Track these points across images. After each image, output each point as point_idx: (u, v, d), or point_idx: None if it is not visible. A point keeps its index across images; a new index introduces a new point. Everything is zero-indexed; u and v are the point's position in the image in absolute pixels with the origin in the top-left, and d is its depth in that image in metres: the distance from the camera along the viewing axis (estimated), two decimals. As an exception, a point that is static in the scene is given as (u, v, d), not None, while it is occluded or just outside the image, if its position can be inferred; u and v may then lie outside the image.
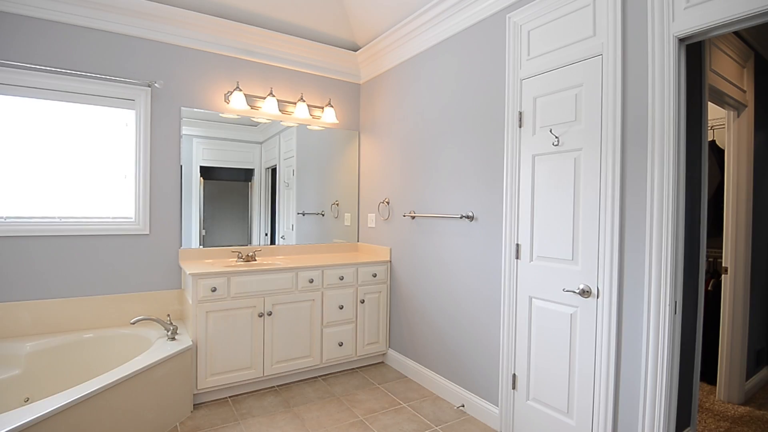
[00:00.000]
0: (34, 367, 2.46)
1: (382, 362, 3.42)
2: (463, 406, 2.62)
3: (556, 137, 2.08)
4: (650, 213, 1.73)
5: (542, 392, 2.17)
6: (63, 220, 2.71)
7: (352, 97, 3.80)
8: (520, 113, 2.27)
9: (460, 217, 2.63)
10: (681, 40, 1.68)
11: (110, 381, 1.98)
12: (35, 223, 2.63)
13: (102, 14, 2.73)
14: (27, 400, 2.38)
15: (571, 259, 2.02)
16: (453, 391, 2.72)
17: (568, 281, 2.03)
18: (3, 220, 2.56)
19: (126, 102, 2.87)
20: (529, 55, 2.23)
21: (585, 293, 1.95)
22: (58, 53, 2.66)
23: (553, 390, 2.11)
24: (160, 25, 2.91)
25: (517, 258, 2.29)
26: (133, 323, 2.51)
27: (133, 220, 2.91)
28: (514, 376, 2.32)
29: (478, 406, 2.53)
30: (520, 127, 2.27)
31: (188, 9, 2.94)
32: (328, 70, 3.63)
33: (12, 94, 2.56)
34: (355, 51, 3.64)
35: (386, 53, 3.35)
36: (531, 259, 2.22)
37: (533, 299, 2.22)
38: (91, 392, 1.89)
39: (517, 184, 2.29)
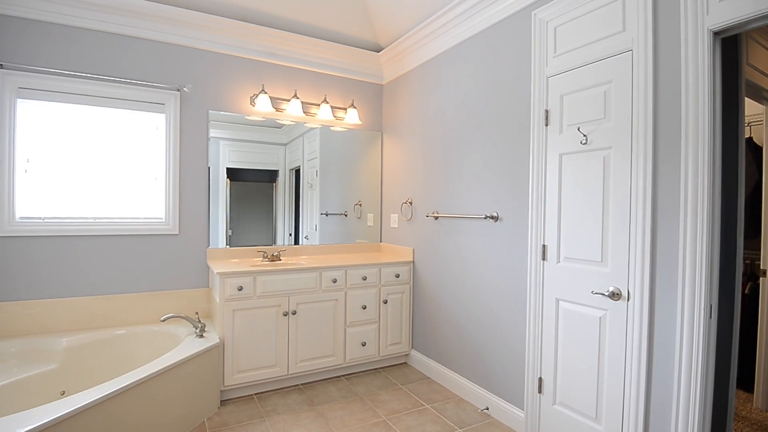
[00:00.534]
0: (69, 362, 2.56)
1: (405, 363, 3.41)
2: (488, 408, 2.59)
3: (584, 135, 2.04)
4: (684, 213, 1.67)
5: (570, 396, 2.12)
6: (97, 220, 2.82)
7: (374, 97, 3.81)
8: (547, 111, 2.23)
9: (485, 218, 2.60)
10: (716, 34, 1.62)
11: (142, 376, 2.05)
12: (71, 223, 2.75)
13: (134, 21, 2.82)
14: (63, 394, 2.48)
15: (600, 260, 1.97)
16: (477, 394, 2.69)
17: (597, 283, 1.98)
18: (41, 220, 2.68)
19: (156, 106, 2.96)
20: (555, 52, 2.19)
21: (615, 296, 1.90)
22: (92, 60, 2.76)
23: (581, 394, 2.06)
24: (188, 30, 2.99)
25: (544, 259, 2.25)
26: (163, 320, 2.59)
27: (163, 220, 3.00)
28: (540, 379, 2.28)
29: (502, 409, 2.49)
30: (546, 125, 2.23)
31: (215, 14, 3.01)
32: (351, 71, 3.65)
33: (49, 100, 2.68)
34: (378, 52, 3.65)
35: (409, 53, 3.35)
36: (558, 261, 2.18)
37: (560, 301, 2.17)
38: (124, 387, 1.95)
39: (543, 183, 2.25)
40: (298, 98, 3.30)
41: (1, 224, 2.56)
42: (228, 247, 3.23)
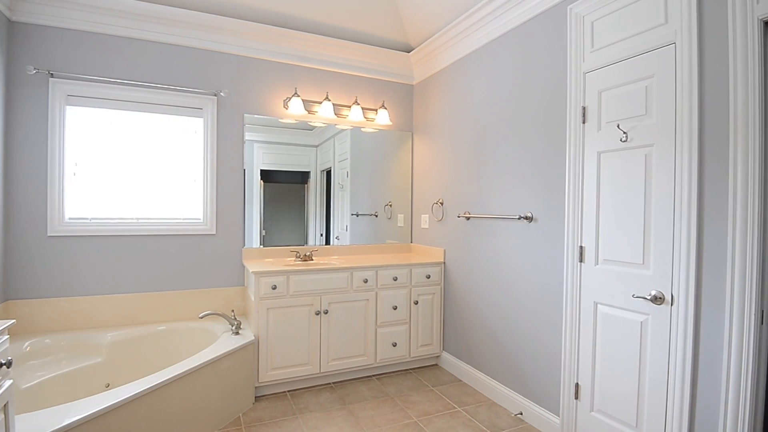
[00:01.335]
0: (114, 356, 2.69)
1: (436, 364, 3.39)
2: (521, 413, 2.54)
3: (624, 133, 1.96)
4: (732, 213, 1.58)
5: (608, 404, 2.05)
6: (139, 220, 2.95)
7: (405, 98, 3.81)
8: (584, 108, 2.16)
9: (519, 218, 2.55)
10: (767, 24, 1.53)
11: (182, 371, 2.12)
12: (115, 223, 2.88)
13: (174, 29, 2.94)
14: (108, 386, 2.60)
15: (641, 262, 1.90)
16: (510, 398, 2.64)
17: (639, 287, 1.91)
18: (88, 220, 2.82)
19: (195, 111, 3.07)
20: (593, 47, 2.12)
21: (657, 300, 1.82)
22: (135, 68, 2.89)
23: (621, 402, 1.99)
24: (225, 37, 3.08)
25: (581, 261, 2.18)
26: (201, 317, 2.68)
27: (201, 220, 3.10)
28: (576, 385, 2.21)
29: (537, 414, 2.44)
30: (583, 122, 2.17)
31: (251, 21, 3.09)
32: (381, 72, 3.67)
33: (95, 106, 2.83)
34: (408, 52, 3.65)
35: (440, 52, 3.33)
36: (596, 263, 2.11)
37: (598, 305, 2.10)
38: (165, 381, 2.03)
39: (580, 182, 2.18)
40: (329, 100, 3.34)
41: (52, 224, 2.71)
42: (262, 246, 3.30)
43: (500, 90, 2.76)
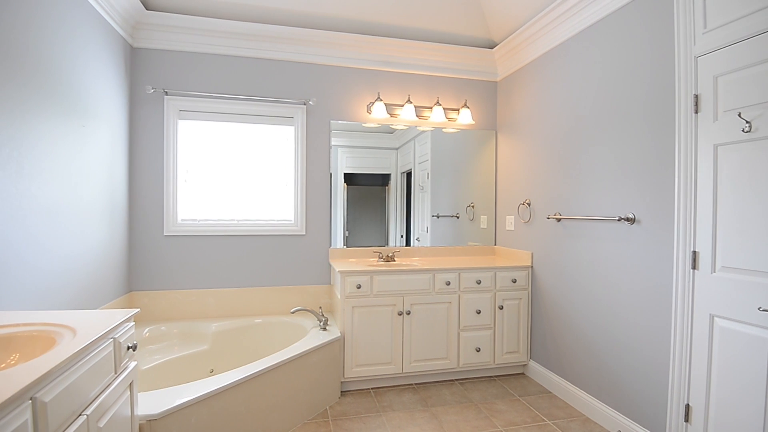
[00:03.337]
0: (217, 344, 2.95)
1: (523, 373, 3.24)
2: (620, 432, 2.33)
3: (747, 122, 1.72)
4: None
5: (727, 430, 1.80)
6: (239, 222, 3.21)
7: (488, 95, 3.71)
8: (696, 96, 1.93)
9: (618, 220, 2.34)
10: None
11: (277, 361, 2.28)
12: (219, 224, 3.17)
13: (267, 45, 3.17)
14: (212, 371, 2.86)
15: (771, 270, 1.64)
16: (606, 414, 2.43)
17: (767, 298, 1.65)
18: (197, 222, 3.14)
19: (286, 119, 3.27)
20: (705, 27, 1.89)
21: (794, 314, 1.56)
22: (234, 82, 3.16)
23: (744, 429, 1.73)
24: (312, 48, 3.25)
25: (694, 268, 1.95)
26: (293, 312, 2.85)
27: (292, 222, 3.30)
28: (687, 406, 1.98)
29: (639, 434, 2.22)
30: (696, 112, 1.93)
31: (336, 30, 3.23)
32: (463, 71, 3.61)
33: (200, 119, 3.14)
34: (492, 48, 3.55)
35: (526, 46, 3.19)
36: (713, 270, 1.87)
37: (715, 318, 1.86)
38: (262, 370, 2.19)
39: (692, 179, 1.95)
40: (411, 103, 3.36)
41: (168, 225, 3.06)
42: (345, 247, 3.42)
43: (595, 81, 2.57)
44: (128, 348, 1.53)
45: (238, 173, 3.22)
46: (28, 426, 0.94)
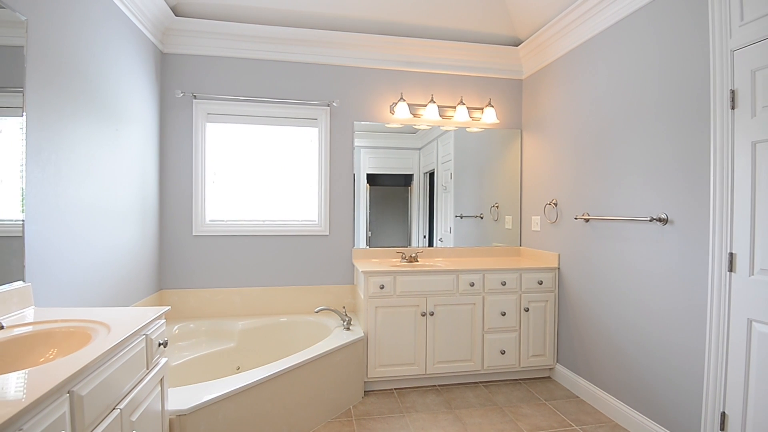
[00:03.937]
0: (243, 342, 3.01)
1: (549, 377, 3.18)
2: (652, 439, 2.25)
3: (790, 118, 1.63)
4: None
5: (770, 441, 1.72)
6: (264, 222, 3.27)
7: (513, 94, 3.66)
8: (733, 92, 1.85)
9: (650, 220, 2.27)
10: None
11: (302, 360, 2.31)
12: (245, 224, 3.24)
13: (291, 48, 3.21)
14: (238, 369, 2.92)
15: (816, 274, 1.56)
16: (636, 421, 2.36)
17: (812, 303, 1.57)
18: (224, 222, 3.21)
19: (310, 121, 3.31)
20: (742, 20, 1.81)
21: (841, 320, 1.48)
22: (259, 85, 3.22)
23: (788, 441, 1.65)
24: (335, 50, 3.28)
25: (731, 270, 1.87)
26: (317, 312, 2.87)
27: (316, 222, 3.33)
28: (723, 414, 1.89)
29: (672, 443, 2.14)
30: (732, 108, 1.85)
31: (359, 32, 3.24)
32: (487, 69, 3.57)
33: (227, 122, 3.21)
34: (517, 46, 3.49)
35: (552, 43, 3.13)
36: (751, 273, 1.78)
37: (753, 323, 1.78)
38: (287, 368, 2.22)
39: (729, 178, 1.87)
40: (434, 102, 3.34)
41: (196, 225, 3.14)
42: (368, 247, 3.43)
43: (624, 78, 2.50)
44: (159, 344, 1.58)
45: (264, 174, 3.28)
46: (66, 419, 0.98)
